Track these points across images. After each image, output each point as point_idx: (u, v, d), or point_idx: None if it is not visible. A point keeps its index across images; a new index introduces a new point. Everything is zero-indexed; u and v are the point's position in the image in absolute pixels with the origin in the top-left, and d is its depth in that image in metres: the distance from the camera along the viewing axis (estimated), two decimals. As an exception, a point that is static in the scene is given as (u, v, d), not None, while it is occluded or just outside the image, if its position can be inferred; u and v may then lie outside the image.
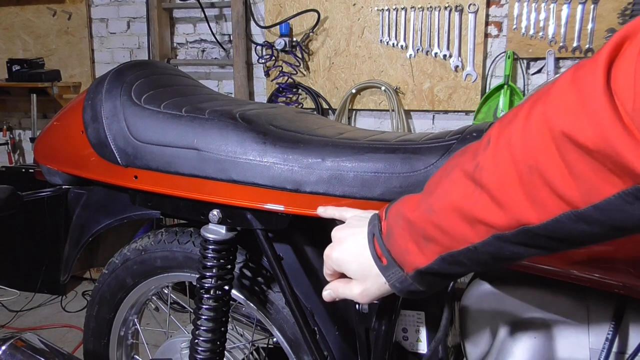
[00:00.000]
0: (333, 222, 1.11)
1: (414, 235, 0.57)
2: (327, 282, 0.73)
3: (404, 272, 0.59)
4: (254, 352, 1.24)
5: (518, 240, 0.49)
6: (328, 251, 0.69)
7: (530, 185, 0.46)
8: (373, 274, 0.63)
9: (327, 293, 0.72)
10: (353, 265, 0.65)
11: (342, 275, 0.69)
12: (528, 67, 2.50)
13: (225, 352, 1.06)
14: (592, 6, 2.31)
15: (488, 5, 2.49)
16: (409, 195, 0.62)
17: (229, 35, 3.00)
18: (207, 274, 0.97)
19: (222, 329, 1.01)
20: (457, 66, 2.55)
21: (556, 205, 0.44)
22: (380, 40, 2.66)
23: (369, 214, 0.69)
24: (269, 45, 2.84)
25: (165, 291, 1.28)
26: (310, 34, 2.78)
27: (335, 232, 0.70)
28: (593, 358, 0.72)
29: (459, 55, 2.54)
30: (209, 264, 0.97)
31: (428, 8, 2.55)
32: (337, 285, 0.70)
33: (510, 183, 0.47)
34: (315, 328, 0.98)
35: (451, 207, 0.53)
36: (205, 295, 0.98)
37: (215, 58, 3.07)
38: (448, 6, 2.52)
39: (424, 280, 0.59)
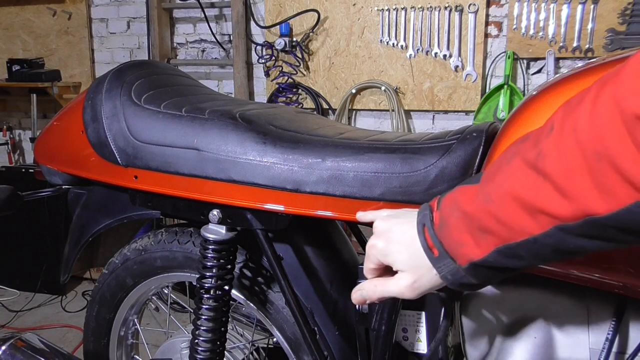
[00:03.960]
0: (332, 223, 1.12)
1: (469, 227, 0.55)
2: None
3: (456, 265, 0.57)
4: (254, 352, 1.24)
5: (583, 232, 0.46)
6: (372, 242, 0.65)
7: (598, 172, 0.43)
8: (425, 264, 0.59)
9: (359, 294, 0.67)
10: (402, 256, 0.61)
11: (385, 273, 0.66)
12: (528, 67, 2.50)
13: (225, 352, 1.06)
14: (592, 6, 2.31)
15: (488, 5, 2.49)
16: (464, 185, 0.58)
17: (229, 35, 3.00)
18: (207, 274, 0.97)
19: (222, 329, 1.01)
20: (457, 66, 2.55)
21: (627, 194, 0.42)
22: (380, 40, 2.66)
23: (410, 208, 0.66)
24: (269, 45, 2.84)
25: (165, 291, 1.28)
26: (310, 34, 2.78)
27: (379, 223, 0.66)
28: (593, 358, 0.72)
29: (459, 55, 2.54)
30: (209, 264, 0.97)
31: (428, 8, 2.55)
32: (373, 284, 0.65)
33: (576, 171, 0.45)
34: (315, 328, 0.98)
35: (510, 197, 0.50)
36: (205, 295, 0.98)
37: (215, 58, 3.07)
38: (448, 6, 2.52)
39: (478, 274, 0.56)
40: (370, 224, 0.76)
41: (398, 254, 0.62)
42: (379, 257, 0.64)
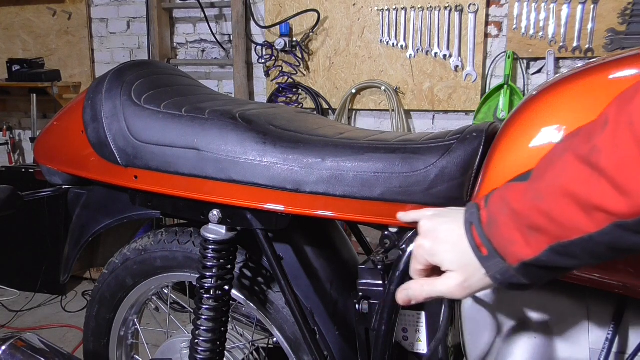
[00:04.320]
0: (332, 223, 1.12)
1: (518, 225, 0.53)
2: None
3: (506, 264, 0.55)
4: (254, 352, 1.24)
5: None
6: (420, 241, 0.64)
7: None
8: (473, 263, 0.58)
9: (404, 294, 0.66)
10: (450, 255, 0.60)
11: (432, 273, 0.65)
12: (528, 67, 2.50)
13: (225, 352, 1.06)
14: (592, 6, 2.31)
15: (488, 5, 2.49)
16: (513, 183, 0.57)
17: (229, 35, 3.00)
18: (207, 274, 0.97)
19: (222, 329, 1.01)
20: (457, 66, 2.55)
21: None
22: (380, 40, 2.66)
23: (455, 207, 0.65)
24: (269, 45, 2.84)
25: (165, 291, 1.28)
26: (310, 34, 2.78)
27: (425, 223, 0.65)
28: (593, 358, 0.72)
29: (459, 55, 2.54)
30: (209, 264, 0.97)
31: (428, 8, 2.55)
32: (420, 284, 0.64)
33: (634, 166, 0.43)
34: (315, 328, 0.98)
35: (563, 193, 0.49)
36: (205, 295, 0.98)
37: (215, 58, 3.07)
38: (448, 6, 2.51)
39: (529, 273, 0.55)
40: (411, 225, 0.75)
41: (445, 253, 0.61)
42: (427, 257, 0.63)
